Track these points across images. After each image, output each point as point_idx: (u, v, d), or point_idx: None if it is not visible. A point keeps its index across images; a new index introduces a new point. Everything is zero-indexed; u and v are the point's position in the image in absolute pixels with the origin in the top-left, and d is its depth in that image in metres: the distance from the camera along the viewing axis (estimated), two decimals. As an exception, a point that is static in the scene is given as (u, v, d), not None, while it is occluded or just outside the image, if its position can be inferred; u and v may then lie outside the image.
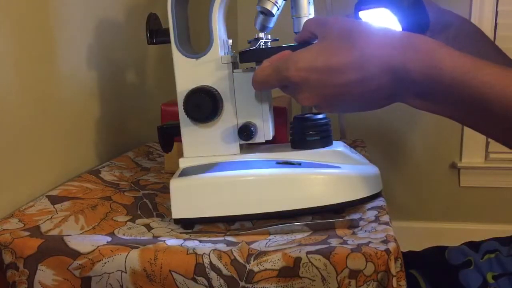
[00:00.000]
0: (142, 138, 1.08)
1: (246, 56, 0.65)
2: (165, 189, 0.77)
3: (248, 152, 0.69)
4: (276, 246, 0.55)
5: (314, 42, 0.57)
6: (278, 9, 0.67)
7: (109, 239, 0.58)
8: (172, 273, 0.53)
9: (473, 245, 0.76)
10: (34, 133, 0.72)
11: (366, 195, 0.65)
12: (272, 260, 0.52)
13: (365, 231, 0.58)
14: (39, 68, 0.73)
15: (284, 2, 0.67)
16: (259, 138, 0.68)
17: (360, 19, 0.64)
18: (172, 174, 0.67)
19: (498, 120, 0.47)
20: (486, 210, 1.75)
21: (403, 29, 0.59)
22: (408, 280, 0.54)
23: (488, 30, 1.58)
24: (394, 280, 0.51)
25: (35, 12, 0.72)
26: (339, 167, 0.65)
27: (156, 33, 0.69)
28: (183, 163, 0.68)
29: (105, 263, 0.54)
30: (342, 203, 0.63)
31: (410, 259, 0.76)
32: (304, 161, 0.67)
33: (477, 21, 1.57)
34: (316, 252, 0.52)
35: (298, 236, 0.59)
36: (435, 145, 1.74)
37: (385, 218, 0.60)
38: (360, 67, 0.50)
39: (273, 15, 0.67)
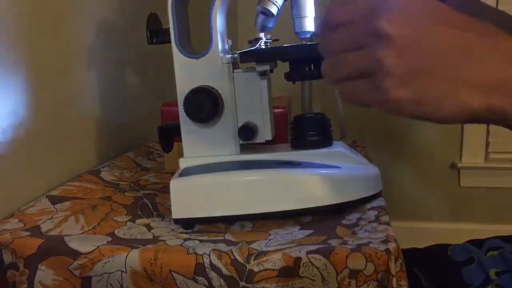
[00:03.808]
0: (142, 138, 1.08)
1: (246, 56, 0.65)
2: (165, 189, 0.77)
3: (248, 152, 0.69)
4: (276, 246, 0.55)
5: None
6: (278, 9, 0.67)
7: (109, 239, 0.58)
8: (172, 273, 0.53)
9: (477, 243, 0.76)
10: (34, 133, 0.72)
11: (366, 195, 0.65)
12: (272, 260, 0.52)
13: (365, 231, 0.58)
14: (38, 69, 0.73)
15: (284, 2, 0.67)
16: (259, 138, 0.68)
17: None
18: (172, 174, 0.67)
19: None
20: (486, 210, 1.75)
21: None
22: (410, 278, 0.53)
23: (488, 30, 1.58)
24: (394, 280, 0.51)
25: (36, 12, 0.72)
26: (339, 167, 0.65)
27: (156, 33, 0.69)
28: (183, 163, 0.68)
29: (105, 263, 0.54)
30: (342, 203, 0.63)
31: (413, 257, 0.76)
32: (304, 161, 0.67)
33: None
34: (316, 252, 0.52)
35: (298, 236, 0.59)
36: (435, 145, 1.73)
37: (385, 218, 0.60)
38: None
39: (273, 15, 0.67)
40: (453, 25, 0.37)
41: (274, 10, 0.66)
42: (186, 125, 0.68)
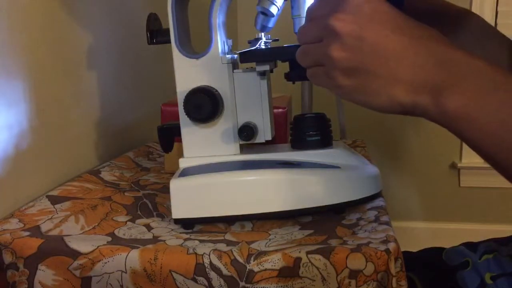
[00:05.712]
0: (142, 138, 1.08)
1: (246, 56, 0.65)
2: (165, 189, 0.77)
3: (248, 152, 0.69)
4: (276, 246, 0.55)
5: None
6: (278, 9, 0.67)
7: (109, 239, 0.58)
8: (172, 273, 0.53)
9: (471, 246, 0.76)
10: (34, 133, 0.72)
11: (366, 195, 0.65)
12: (272, 260, 0.52)
13: (365, 231, 0.58)
14: (38, 69, 0.73)
15: (284, 2, 0.67)
16: (259, 138, 0.68)
17: None
18: (172, 174, 0.67)
19: None
20: (486, 210, 1.75)
21: None
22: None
23: (488, 30, 1.58)
24: (394, 280, 0.51)
25: (36, 13, 0.72)
26: (339, 167, 0.65)
27: (156, 33, 0.69)
28: (183, 163, 0.68)
29: (105, 263, 0.54)
30: (342, 203, 0.63)
31: (407, 261, 0.76)
32: (304, 161, 0.67)
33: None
34: (316, 252, 0.52)
35: (298, 236, 0.59)
36: (435, 145, 1.74)
37: (385, 218, 0.60)
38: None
39: (273, 15, 0.67)
40: (394, 28, 0.42)
41: (274, 10, 0.66)
42: (186, 125, 0.68)
